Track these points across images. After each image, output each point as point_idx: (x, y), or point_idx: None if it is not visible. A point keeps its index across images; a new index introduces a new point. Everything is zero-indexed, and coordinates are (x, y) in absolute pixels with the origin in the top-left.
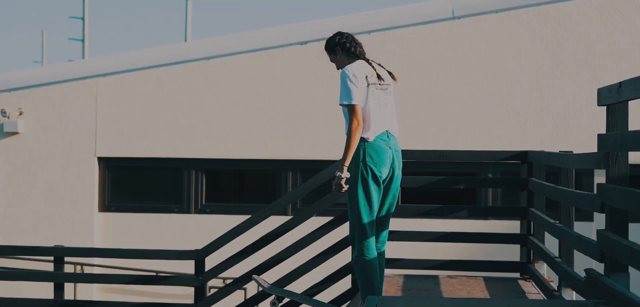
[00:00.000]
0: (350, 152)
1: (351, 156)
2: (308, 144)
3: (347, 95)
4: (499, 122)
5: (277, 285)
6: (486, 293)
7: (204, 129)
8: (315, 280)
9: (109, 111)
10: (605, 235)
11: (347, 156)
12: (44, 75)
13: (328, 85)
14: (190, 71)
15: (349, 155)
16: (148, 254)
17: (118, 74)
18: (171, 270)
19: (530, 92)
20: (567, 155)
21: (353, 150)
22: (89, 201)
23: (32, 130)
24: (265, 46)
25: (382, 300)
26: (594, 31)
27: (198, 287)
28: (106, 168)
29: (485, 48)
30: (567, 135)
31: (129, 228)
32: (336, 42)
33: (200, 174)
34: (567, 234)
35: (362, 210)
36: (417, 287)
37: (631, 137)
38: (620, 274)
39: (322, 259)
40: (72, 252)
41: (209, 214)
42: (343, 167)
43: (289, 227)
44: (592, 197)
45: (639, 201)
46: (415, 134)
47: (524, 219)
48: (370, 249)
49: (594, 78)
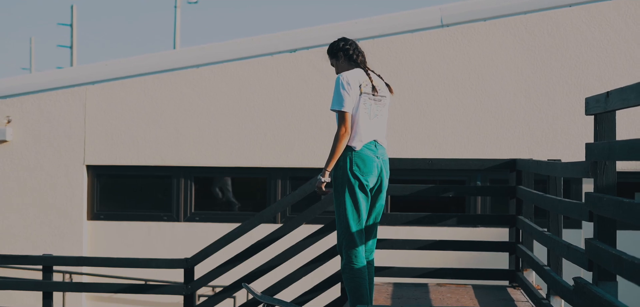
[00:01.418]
0: (334, 157)
1: (335, 161)
2: (297, 152)
3: (338, 102)
4: (487, 130)
5: (267, 293)
6: (475, 301)
7: (192, 137)
8: (305, 288)
9: (98, 119)
10: (593, 244)
11: (330, 161)
12: (33, 82)
13: (317, 93)
14: (179, 79)
15: (333, 160)
16: (137, 262)
17: (107, 82)
18: (160, 278)
19: (518, 100)
20: (555, 164)
21: (337, 156)
22: (78, 209)
23: (21, 138)
24: (254, 54)
25: None
26: (582, 40)
27: (187, 295)
28: (95, 176)
29: (474, 56)
30: (555, 144)
31: (118, 236)
32: (340, 48)
33: (189, 182)
34: (556, 243)
35: (350, 218)
36: (407, 295)
37: (619, 146)
38: (609, 282)
39: (311, 267)
40: (60, 261)
41: (198, 222)
42: (325, 171)
43: (278, 235)
44: (581, 206)
45: (627, 209)
46: (404, 141)
47: (512, 227)
48: (358, 257)
49: (582, 87)
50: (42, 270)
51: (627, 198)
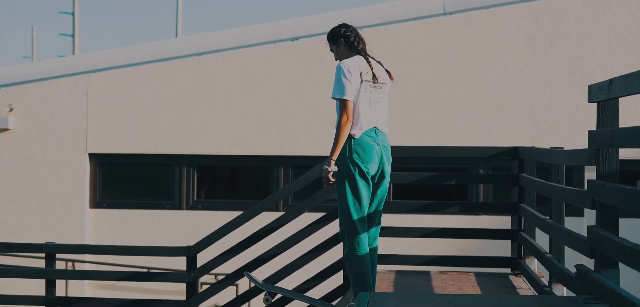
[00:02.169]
0: (338, 146)
1: (339, 150)
2: (300, 140)
3: (339, 90)
4: (490, 118)
5: (269, 281)
6: (477, 289)
7: (195, 125)
8: (307, 276)
9: (100, 107)
10: (595, 231)
11: (335, 150)
12: (35, 71)
13: (319, 81)
14: (181, 67)
15: (337, 149)
16: (140, 250)
17: (109, 70)
18: (163, 266)
19: (521, 88)
20: (558, 151)
21: (341, 145)
22: (81, 198)
23: (23, 127)
24: (257, 42)
25: (374, 296)
26: (585, 27)
27: (190, 283)
28: (97, 164)
29: (477, 44)
30: (558, 132)
31: (120, 224)
32: (341, 34)
33: (191, 170)
34: (558, 230)
35: (351, 206)
36: (409, 283)
37: (621, 133)
38: (611, 270)
39: (314, 255)
40: (63, 249)
41: (201, 210)
42: (331, 161)
43: (281, 223)
44: (583, 194)
45: (629, 197)
46: (406, 129)
47: (515, 214)
48: (361, 245)
49: (585, 74)
50: (45, 258)
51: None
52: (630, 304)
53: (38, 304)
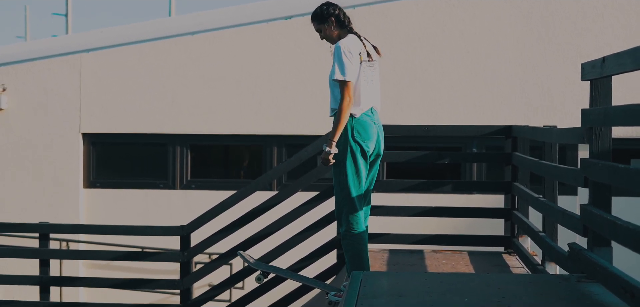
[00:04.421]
0: (339, 127)
1: (340, 132)
2: (293, 119)
3: (341, 71)
4: (483, 98)
5: (263, 260)
6: (470, 267)
7: (188, 105)
8: (300, 255)
9: (94, 87)
10: (588, 209)
11: (336, 132)
12: (28, 50)
13: (312, 60)
14: (174, 46)
15: (339, 130)
16: (134, 230)
17: (102, 50)
18: (157, 246)
19: (515, 66)
20: (550, 130)
21: (343, 127)
22: (74, 177)
23: (16, 107)
24: (249, 21)
25: (367, 275)
26: (579, 6)
27: (183, 262)
28: (91, 144)
29: (470, 23)
30: (551, 110)
31: (114, 204)
32: (330, 13)
33: (185, 149)
34: (551, 209)
35: (351, 185)
36: (402, 262)
37: (614, 112)
38: (603, 248)
39: (307, 234)
40: (57, 228)
41: (194, 189)
42: (332, 142)
43: (274, 202)
44: (576, 172)
45: (621, 175)
46: (399, 108)
47: (508, 193)
48: (359, 223)
49: (579, 53)
50: (39, 238)
51: (622, 164)
52: (623, 282)
53: (32, 283)
